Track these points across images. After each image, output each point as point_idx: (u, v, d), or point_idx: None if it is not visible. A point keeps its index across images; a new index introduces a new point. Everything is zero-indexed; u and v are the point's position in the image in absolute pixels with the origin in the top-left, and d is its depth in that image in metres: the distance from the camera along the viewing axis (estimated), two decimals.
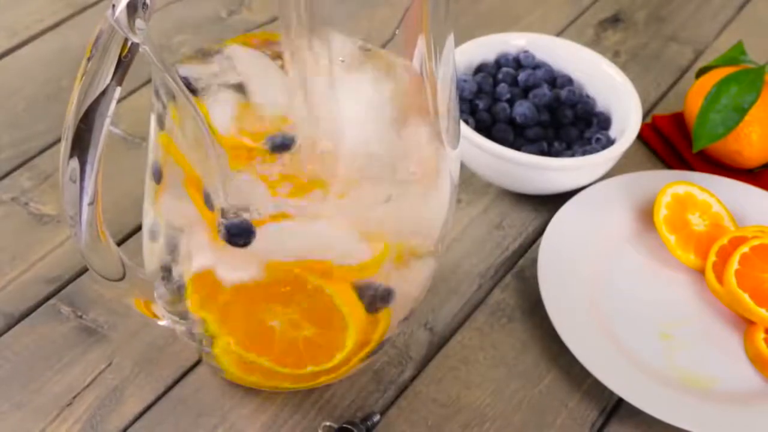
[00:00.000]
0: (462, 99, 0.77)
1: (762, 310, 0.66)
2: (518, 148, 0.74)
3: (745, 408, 0.63)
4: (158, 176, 0.53)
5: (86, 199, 0.49)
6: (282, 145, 0.49)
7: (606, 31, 0.96)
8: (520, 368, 0.66)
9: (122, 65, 0.45)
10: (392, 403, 0.63)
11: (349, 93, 0.51)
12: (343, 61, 0.51)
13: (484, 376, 0.65)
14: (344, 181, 0.50)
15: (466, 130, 0.72)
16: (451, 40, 0.51)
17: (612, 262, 0.72)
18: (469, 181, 0.77)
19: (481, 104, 0.77)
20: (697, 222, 0.73)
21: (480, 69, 0.80)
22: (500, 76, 0.79)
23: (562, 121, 0.78)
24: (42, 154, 0.77)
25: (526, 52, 0.81)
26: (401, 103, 0.51)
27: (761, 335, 0.66)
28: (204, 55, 0.53)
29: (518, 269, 0.72)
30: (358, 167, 0.50)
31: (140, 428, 0.60)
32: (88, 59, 0.46)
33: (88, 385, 0.62)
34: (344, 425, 0.60)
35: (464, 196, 0.77)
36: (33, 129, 0.79)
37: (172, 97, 0.48)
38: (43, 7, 0.91)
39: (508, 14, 0.96)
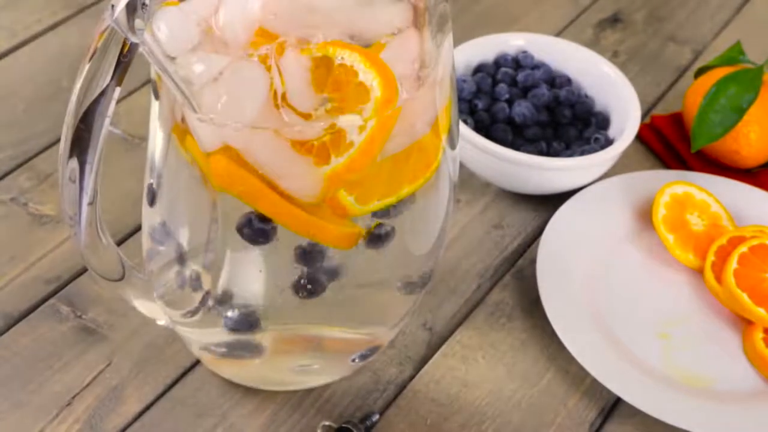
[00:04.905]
0: (461, 99, 0.77)
1: (760, 310, 0.66)
2: (517, 148, 0.74)
3: (744, 407, 0.63)
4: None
5: (86, 199, 0.49)
6: None
7: (605, 31, 0.96)
8: (519, 368, 0.66)
9: (122, 65, 0.46)
10: (391, 402, 0.63)
11: None
12: None
13: (482, 376, 0.65)
14: None
15: (465, 130, 0.72)
16: (450, 40, 0.51)
17: (611, 262, 0.72)
18: (468, 181, 0.78)
19: (480, 104, 0.77)
20: (696, 222, 0.73)
21: (479, 69, 0.81)
22: (499, 76, 0.79)
23: (560, 121, 0.78)
24: (41, 154, 0.77)
25: (524, 52, 0.81)
26: None
27: (760, 335, 0.67)
28: None
29: (517, 269, 0.72)
30: None
31: (140, 428, 0.60)
32: (88, 59, 0.46)
33: (87, 385, 0.62)
34: (343, 425, 0.60)
35: (463, 195, 0.77)
36: (32, 129, 0.79)
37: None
38: (43, 8, 0.91)
39: (506, 14, 0.96)
